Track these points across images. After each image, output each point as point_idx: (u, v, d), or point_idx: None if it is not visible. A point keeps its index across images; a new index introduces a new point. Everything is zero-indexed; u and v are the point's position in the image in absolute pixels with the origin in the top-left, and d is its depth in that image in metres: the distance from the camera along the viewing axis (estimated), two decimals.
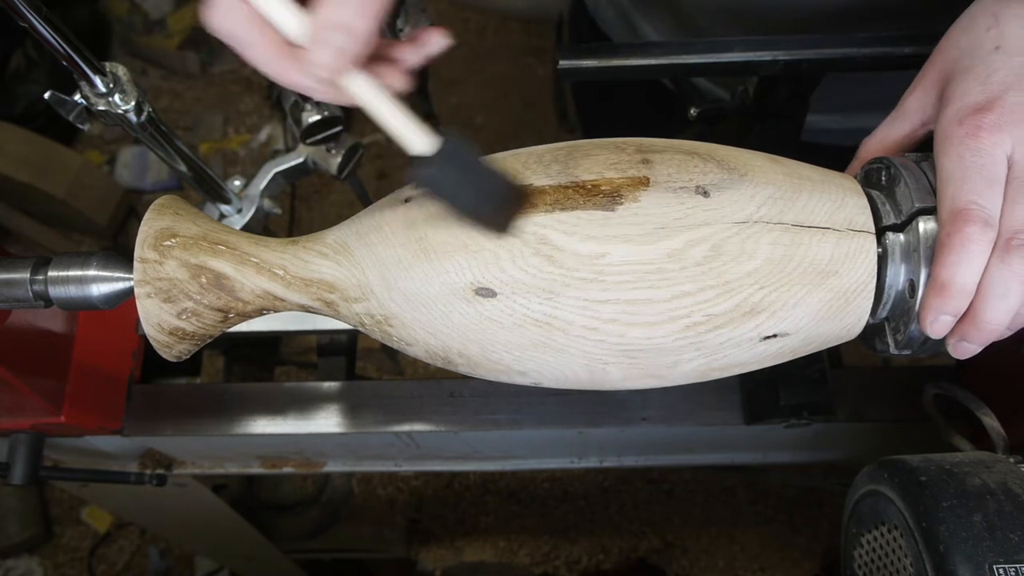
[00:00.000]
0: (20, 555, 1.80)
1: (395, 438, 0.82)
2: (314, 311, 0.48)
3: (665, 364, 0.46)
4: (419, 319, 0.45)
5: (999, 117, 0.43)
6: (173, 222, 0.46)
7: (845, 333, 0.47)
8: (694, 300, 0.43)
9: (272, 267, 0.46)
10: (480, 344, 0.45)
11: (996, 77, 0.45)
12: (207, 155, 2.19)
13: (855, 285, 0.45)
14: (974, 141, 0.43)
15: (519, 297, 0.44)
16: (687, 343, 0.45)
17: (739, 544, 1.77)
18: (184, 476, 0.92)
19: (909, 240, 0.46)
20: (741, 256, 0.44)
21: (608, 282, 0.43)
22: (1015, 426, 0.59)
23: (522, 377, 0.47)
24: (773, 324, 0.45)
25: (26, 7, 0.50)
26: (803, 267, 0.44)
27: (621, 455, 0.89)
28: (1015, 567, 0.44)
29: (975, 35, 0.47)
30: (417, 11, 0.79)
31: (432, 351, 0.46)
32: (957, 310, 0.44)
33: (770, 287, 0.44)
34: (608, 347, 0.44)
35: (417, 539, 1.80)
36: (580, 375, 0.46)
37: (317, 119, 0.76)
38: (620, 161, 0.46)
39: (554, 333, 0.44)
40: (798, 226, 0.45)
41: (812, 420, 0.72)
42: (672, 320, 0.44)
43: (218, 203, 0.76)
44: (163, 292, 0.44)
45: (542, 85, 2.21)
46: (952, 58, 0.48)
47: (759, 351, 0.46)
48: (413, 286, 0.45)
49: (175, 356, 0.47)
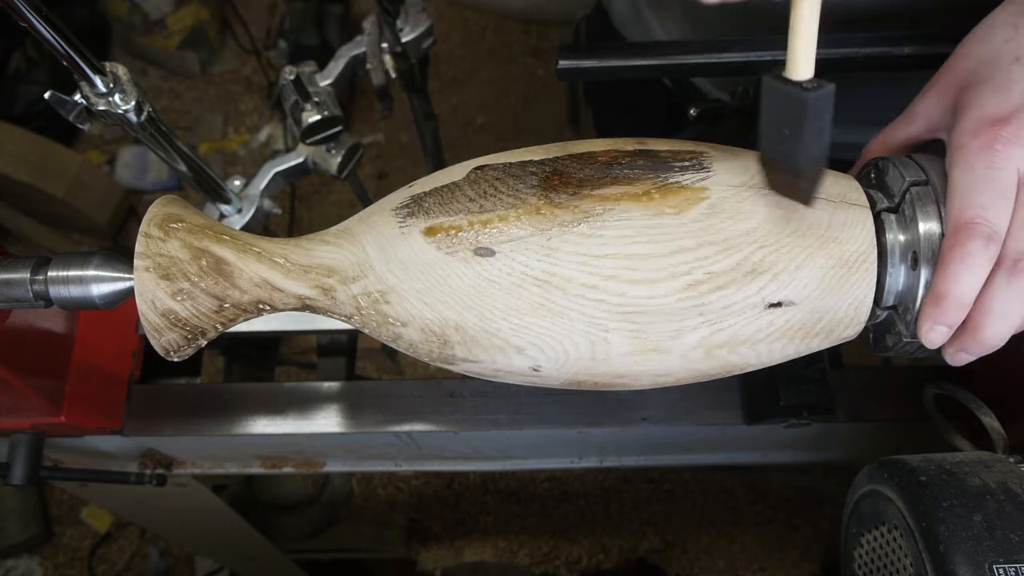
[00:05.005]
0: (20, 555, 1.80)
1: (395, 438, 0.82)
2: (310, 303, 0.47)
3: (668, 332, 0.45)
4: (416, 288, 0.45)
5: (1016, 131, 0.43)
6: (181, 211, 0.47)
7: (853, 313, 0.46)
8: (694, 256, 0.44)
9: (273, 255, 0.47)
10: (478, 312, 0.45)
11: (1016, 88, 0.44)
12: (207, 155, 2.19)
13: (855, 254, 0.45)
14: (988, 154, 0.43)
15: (518, 255, 0.44)
16: (689, 305, 0.44)
17: (739, 544, 1.77)
18: (184, 476, 0.92)
19: (904, 212, 0.46)
20: (739, 215, 0.44)
21: (607, 236, 0.44)
22: (1015, 426, 0.59)
23: (520, 357, 0.46)
24: (777, 288, 0.44)
25: (26, 7, 0.50)
26: (802, 230, 0.45)
27: (621, 455, 0.89)
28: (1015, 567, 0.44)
29: (993, 46, 0.46)
30: (417, 11, 0.79)
31: (428, 328, 0.46)
32: (953, 322, 0.44)
33: (770, 247, 0.44)
34: (608, 308, 0.44)
35: (417, 539, 1.80)
36: (581, 347, 0.45)
37: (317, 119, 0.76)
38: (617, 143, 0.47)
39: (553, 292, 0.44)
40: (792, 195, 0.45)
41: (812, 420, 0.72)
42: (673, 277, 0.44)
43: (218, 203, 0.76)
44: (162, 268, 0.44)
45: (542, 85, 2.21)
46: (969, 68, 0.47)
47: (765, 323, 0.45)
48: (411, 253, 0.45)
49: (163, 346, 0.46)
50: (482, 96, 2.21)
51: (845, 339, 0.48)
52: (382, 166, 2.14)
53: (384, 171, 2.14)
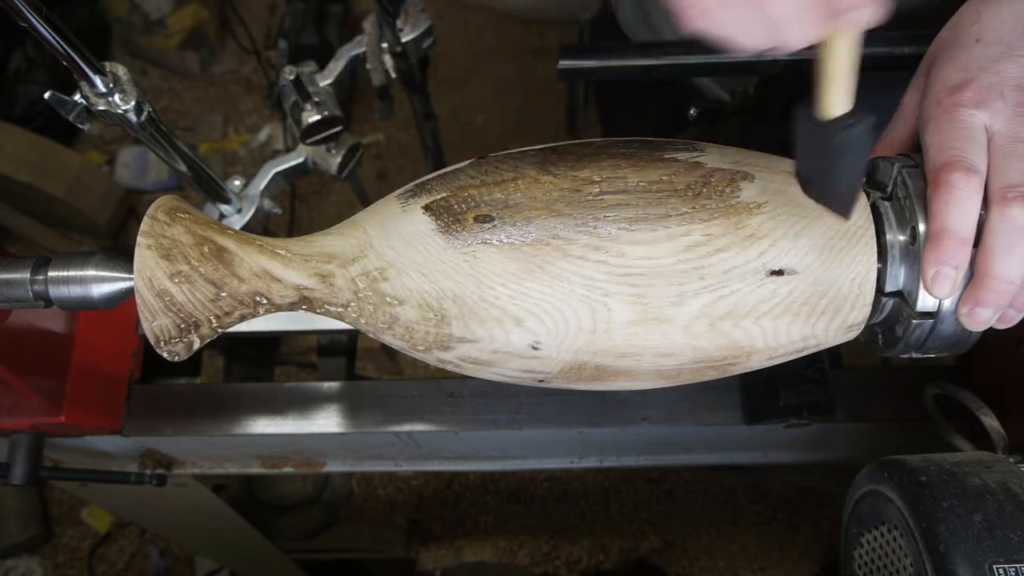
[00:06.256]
0: (20, 555, 1.80)
1: (395, 438, 0.82)
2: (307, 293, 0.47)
3: (669, 297, 0.45)
4: (415, 259, 0.46)
5: (975, 94, 0.45)
6: (188, 207, 0.48)
7: (858, 290, 0.46)
8: (691, 218, 0.45)
9: (275, 247, 0.47)
10: (476, 279, 0.45)
11: (974, 64, 0.47)
12: (207, 155, 2.19)
13: (853, 226, 0.46)
14: (952, 113, 0.45)
15: (518, 219, 0.45)
16: (690, 267, 0.45)
17: (739, 544, 1.77)
18: (184, 476, 0.92)
19: (898, 195, 0.47)
20: (733, 185, 0.46)
21: (606, 200, 0.45)
22: (1015, 426, 0.59)
23: (519, 331, 0.45)
24: (777, 255, 0.45)
25: (26, 7, 0.50)
26: (798, 200, 0.45)
27: (621, 455, 0.89)
28: (1015, 567, 0.44)
29: (959, 30, 0.49)
30: (417, 11, 0.79)
31: (425, 302, 0.46)
32: (958, 261, 0.43)
33: (767, 213, 0.45)
34: (608, 271, 0.44)
35: (417, 539, 1.80)
36: (581, 315, 0.45)
37: (317, 119, 0.76)
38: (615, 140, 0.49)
39: (552, 255, 0.45)
40: (786, 172, 0.47)
41: (812, 420, 0.72)
42: (671, 238, 0.44)
43: (218, 203, 0.76)
44: (163, 248, 0.45)
45: (542, 85, 2.21)
46: (935, 53, 0.50)
47: (768, 292, 0.45)
48: (412, 227, 0.46)
49: (154, 331, 0.46)
50: (482, 96, 2.21)
51: (852, 325, 0.48)
52: (382, 166, 2.14)
53: (384, 171, 2.14)
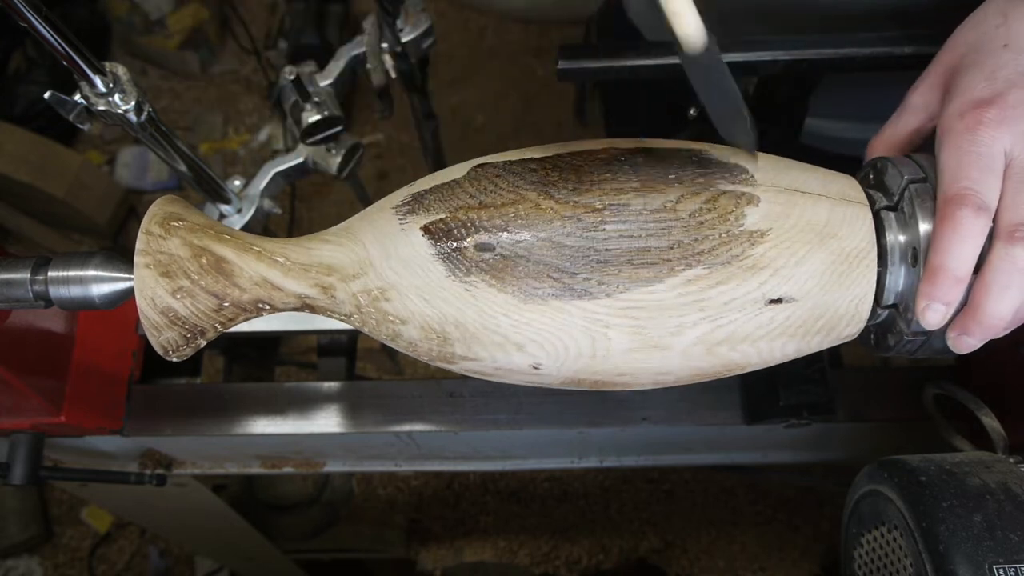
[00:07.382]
0: (20, 555, 1.80)
1: (395, 438, 0.82)
2: (309, 302, 0.47)
3: (668, 328, 0.45)
4: (416, 284, 0.45)
5: (1001, 112, 0.43)
6: (182, 210, 0.47)
7: (854, 310, 0.46)
8: (694, 250, 0.44)
9: (274, 255, 0.47)
10: (477, 308, 0.45)
11: (1002, 73, 0.45)
12: (207, 155, 2.19)
13: (855, 250, 0.45)
14: (972, 134, 0.44)
15: (519, 248, 0.44)
16: (690, 300, 0.44)
17: (739, 544, 1.77)
18: (184, 476, 0.92)
19: (903, 210, 0.46)
20: (737, 211, 0.45)
21: (607, 231, 0.44)
22: (1015, 426, 0.58)
23: (520, 354, 0.46)
24: (778, 283, 0.44)
25: (26, 7, 0.50)
26: (801, 225, 0.45)
27: (621, 455, 0.89)
28: (1015, 567, 0.44)
29: (984, 32, 0.47)
30: (417, 11, 0.79)
31: (428, 325, 0.46)
32: (949, 299, 0.43)
33: (770, 242, 0.44)
34: (609, 304, 0.44)
35: (417, 539, 1.80)
36: (581, 344, 0.45)
37: (317, 119, 0.76)
38: (615, 142, 0.48)
39: (553, 287, 0.44)
40: (791, 190, 0.46)
41: (812, 420, 0.72)
42: (672, 272, 0.44)
43: (218, 203, 0.76)
44: (162, 265, 0.45)
45: (542, 85, 2.21)
46: (959, 54, 0.48)
47: (766, 319, 0.45)
48: (411, 250, 0.45)
49: (162, 344, 0.46)
50: (482, 96, 2.21)
51: (846, 338, 0.48)
52: (382, 166, 2.14)
53: (384, 171, 2.14)
